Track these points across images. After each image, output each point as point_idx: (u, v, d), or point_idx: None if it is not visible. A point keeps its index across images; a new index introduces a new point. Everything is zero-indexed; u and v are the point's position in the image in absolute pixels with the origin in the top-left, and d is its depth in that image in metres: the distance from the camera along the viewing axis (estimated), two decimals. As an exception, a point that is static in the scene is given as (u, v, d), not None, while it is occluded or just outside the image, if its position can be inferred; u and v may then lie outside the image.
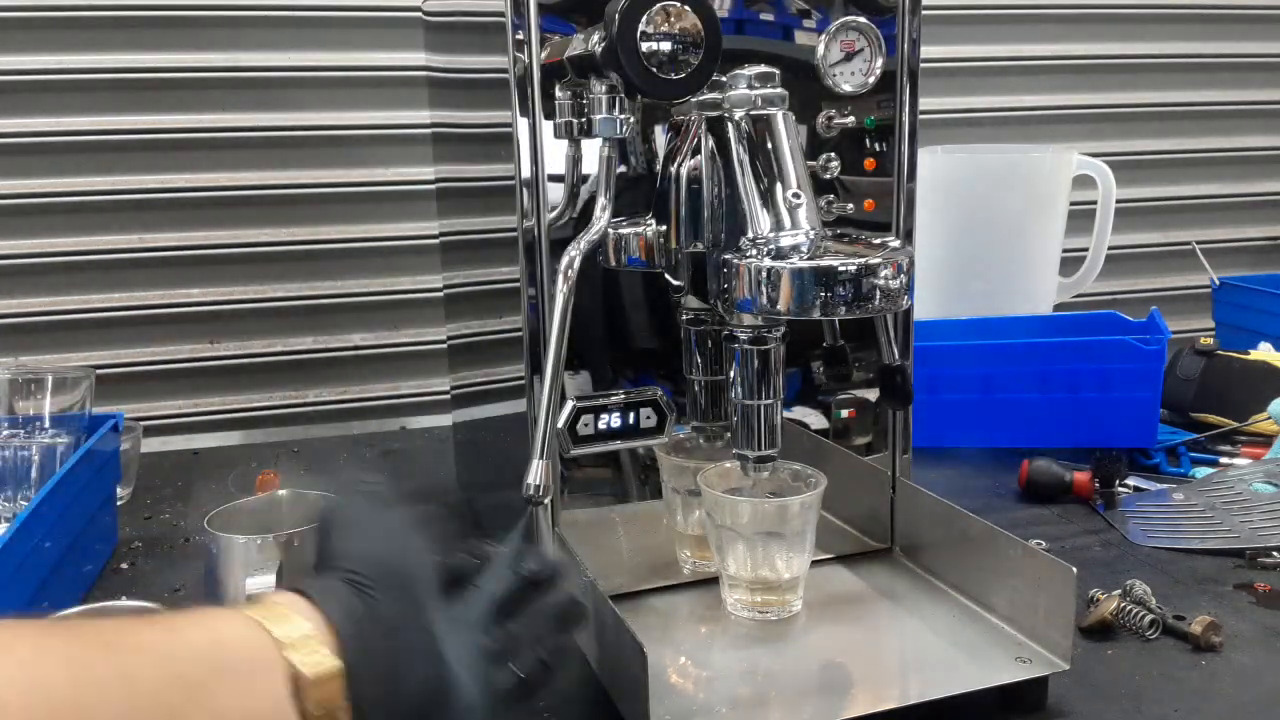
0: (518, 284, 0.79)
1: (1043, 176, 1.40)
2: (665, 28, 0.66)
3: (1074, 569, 0.69)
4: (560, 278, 0.70)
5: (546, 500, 0.69)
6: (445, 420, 1.38)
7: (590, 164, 0.74)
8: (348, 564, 0.53)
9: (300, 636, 0.48)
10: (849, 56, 0.83)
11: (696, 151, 0.73)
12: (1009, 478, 1.12)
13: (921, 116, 0.86)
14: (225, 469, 1.20)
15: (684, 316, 0.80)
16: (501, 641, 0.56)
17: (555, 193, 0.78)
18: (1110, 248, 1.41)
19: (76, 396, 1.02)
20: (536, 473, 0.68)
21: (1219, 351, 1.30)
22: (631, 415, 0.81)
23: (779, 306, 0.64)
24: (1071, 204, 1.42)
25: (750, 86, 0.69)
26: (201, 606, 0.50)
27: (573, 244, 0.71)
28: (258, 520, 0.79)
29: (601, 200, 0.71)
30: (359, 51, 1.43)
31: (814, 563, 0.80)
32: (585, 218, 0.74)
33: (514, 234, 0.79)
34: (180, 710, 0.43)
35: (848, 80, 0.83)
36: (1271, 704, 0.73)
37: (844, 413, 0.91)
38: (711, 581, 0.82)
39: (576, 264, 0.70)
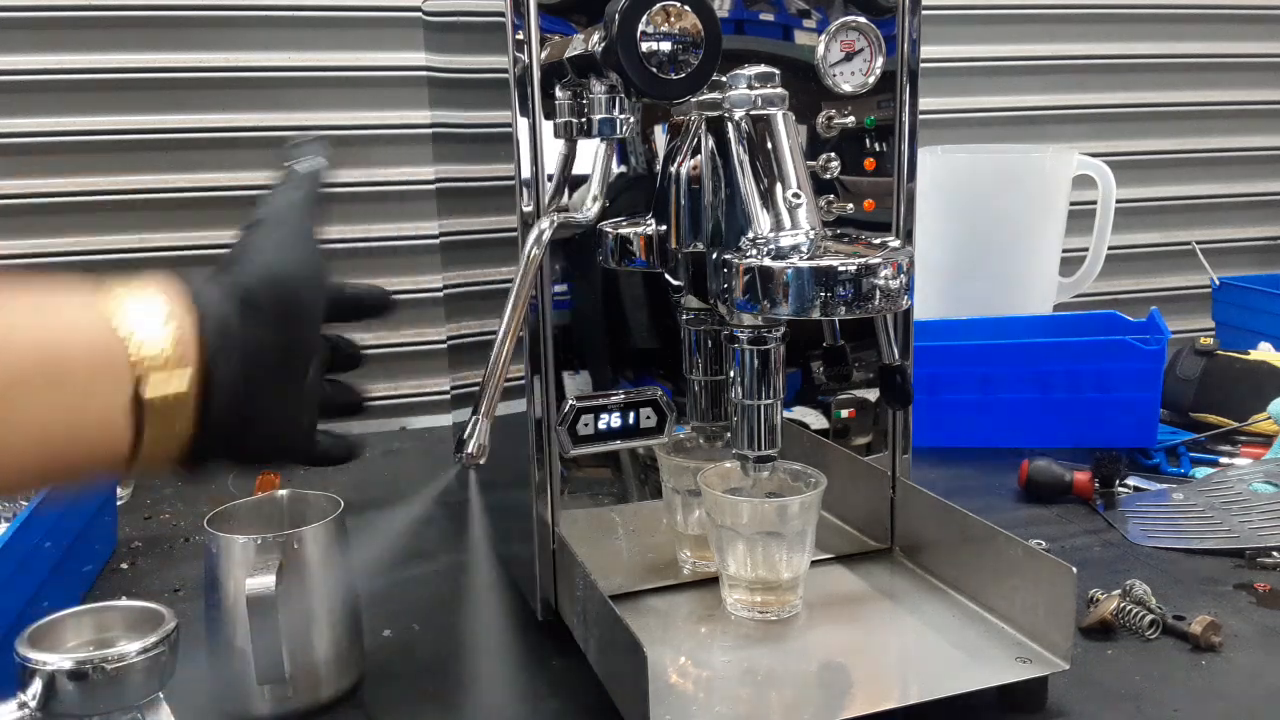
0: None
1: (1043, 176, 1.40)
2: (665, 28, 0.66)
3: (1074, 569, 0.69)
4: (530, 245, 0.69)
5: (481, 461, 0.65)
6: (445, 420, 1.38)
7: (584, 162, 0.74)
8: (246, 276, 0.50)
9: (157, 345, 0.45)
10: (849, 56, 0.83)
11: (696, 151, 0.73)
12: (1009, 478, 1.12)
13: (921, 116, 0.86)
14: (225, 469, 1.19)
15: (684, 316, 0.80)
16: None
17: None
18: (1110, 248, 1.41)
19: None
20: (473, 432, 0.64)
21: (1219, 351, 1.30)
22: (631, 415, 0.81)
23: (779, 306, 0.64)
24: (1071, 204, 1.42)
25: (750, 86, 0.69)
26: (63, 287, 0.46)
27: (547, 216, 0.71)
28: (258, 520, 0.79)
29: (594, 192, 0.71)
30: (359, 51, 1.43)
31: (814, 563, 0.80)
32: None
33: (514, 234, 0.79)
34: None
35: (848, 80, 0.83)
36: (1271, 704, 0.73)
37: (844, 413, 0.91)
38: (711, 581, 0.82)
39: (547, 235, 0.69)
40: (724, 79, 0.70)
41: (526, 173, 0.77)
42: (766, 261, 0.65)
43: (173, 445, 0.47)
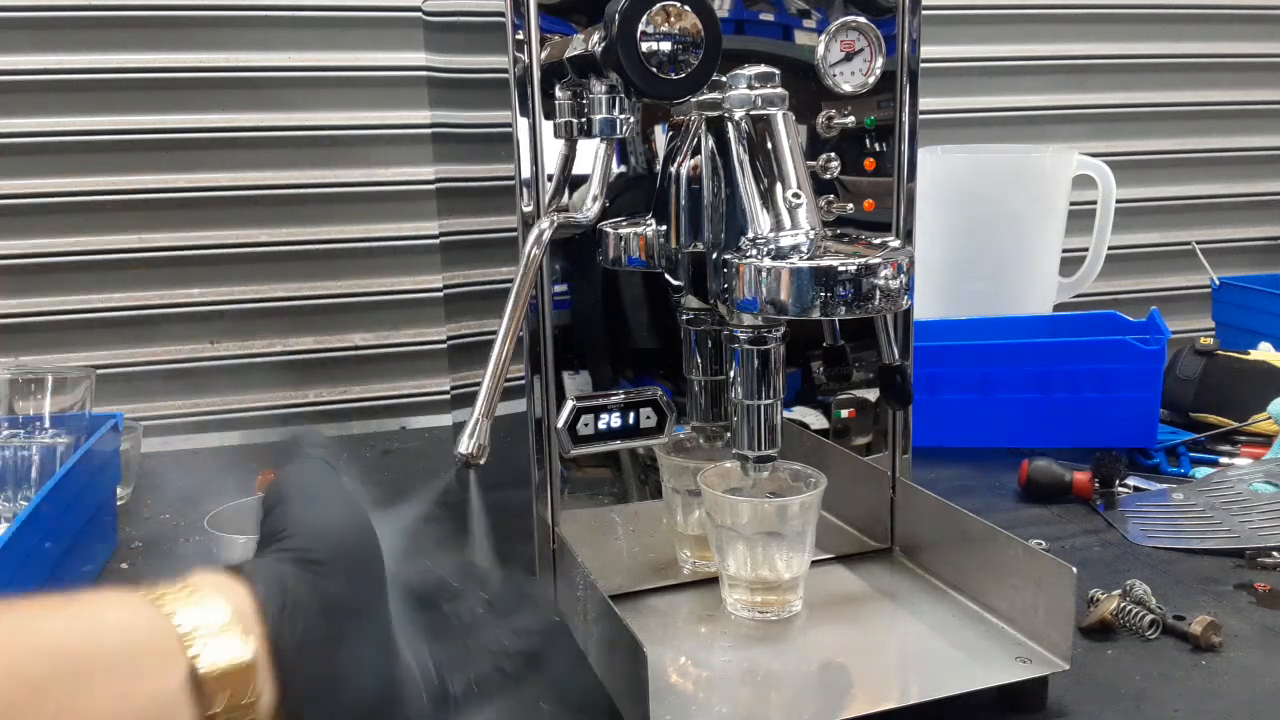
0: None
1: (1043, 176, 1.40)
2: (665, 28, 0.66)
3: (1074, 569, 0.69)
4: (530, 245, 0.69)
5: (481, 462, 0.64)
6: (445, 420, 1.38)
7: (584, 162, 0.74)
8: (292, 538, 0.47)
9: (213, 622, 0.41)
10: (849, 56, 0.83)
11: (696, 151, 0.73)
12: (1009, 478, 1.12)
13: (921, 116, 0.86)
14: (225, 469, 1.20)
15: (684, 316, 0.80)
16: (459, 650, 0.52)
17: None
18: (1110, 248, 1.41)
19: (76, 396, 1.02)
20: (472, 433, 0.63)
21: (1219, 351, 1.30)
22: (631, 415, 0.81)
23: (779, 306, 0.64)
24: (1071, 204, 1.42)
25: (750, 86, 0.69)
26: (99, 589, 0.44)
27: (547, 216, 0.71)
28: (258, 520, 0.79)
29: (594, 192, 0.71)
30: (359, 51, 1.43)
31: (814, 563, 0.80)
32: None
33: (514, 234, 0.79)
34: (24, 716, 0.36)
35: (848, 80, 0.83)
36: (1271, 704, 0.73)
37: (844, 413, 0.91)
38: (711, 581, 0.82)
39: (547, 235, 0.69)
40: (724, 79, 0.70)
41: (526, 173, 0.77)
42: (766, 261, 0.65)
43: None
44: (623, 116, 0.70)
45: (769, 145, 0.69)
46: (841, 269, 0.63)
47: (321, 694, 0.44)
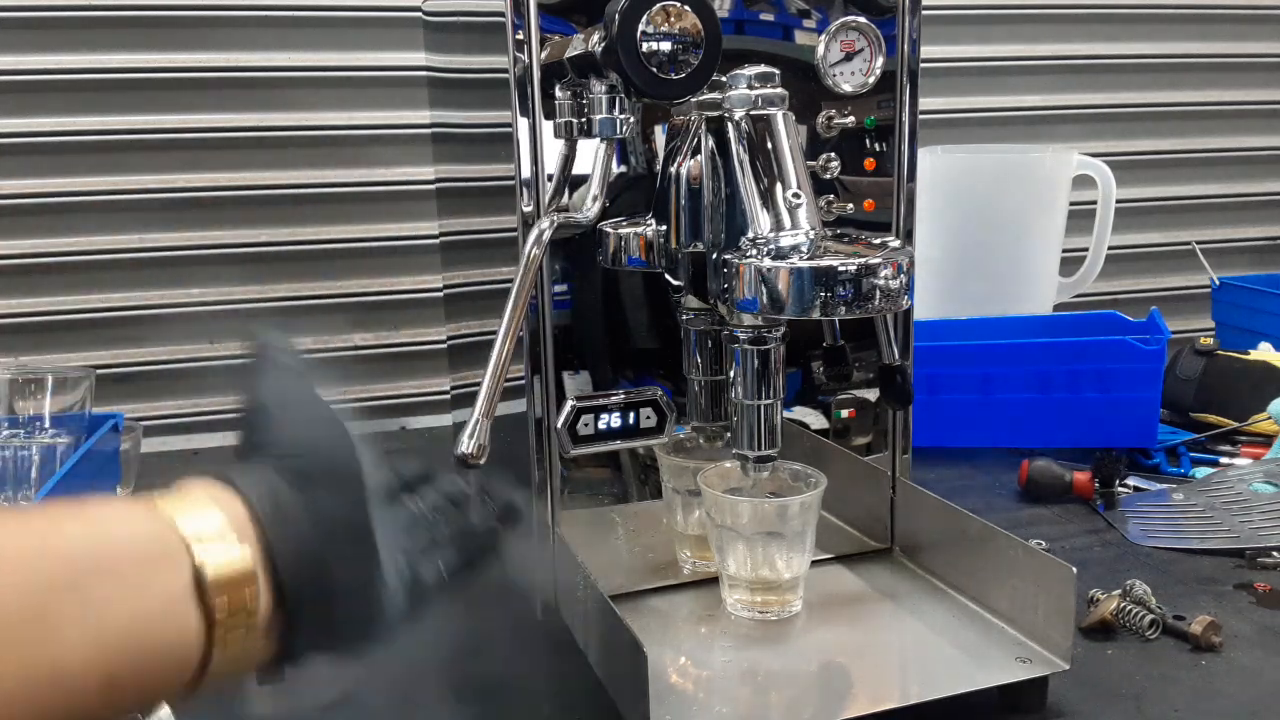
0: (518, 284, 0.79)
1: (1043, 176, 1.40)
2: (665, 28, 0.66)
3: (1074, 569, 0.69)
4: (530, 245, 0.69)
5: (481, 462, 0.64)
6: (445, 420, 1.38)
7: (584, 162, 0.74)
8: (278, 447, 0.48)
9: (210, 529, 0.43)
10: (849, 56, 0.83)
11: (696, 151, 0.73)
12: (1009, 478, 1.12)
13: (921, 116, 0.86)
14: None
15: (684, 316, 0.80)
16: (433, 537, 0.54)
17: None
18: (1110, 248, 1.41)
19: (76, 396, 1.02)
20: (472, 433, 0.63)
21: (1219, 351, 1.30)
22: (631, 415, 0.81)
23: (779, 306, 0.64)
24: (1071, 204, 1.42)
25: (750, 86, 0.69)
26: (103, 497, 0.45)
27: (547, 216, 0.71)
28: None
29: (594, 192, 0.71)
30: (359, 51, 1.43)
31: (814, 563, 0.80)
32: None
33: (514, 234, 0.79)
34: (48, 613, 0.38)
35: (848, 80, 0.83)
36: (1271, 704, 0.73)
37: (844, 413, 0.91)
38: (711, 581, 0.82)
39: (547, 235, 0.69)
40: (724, 79, 0.70)
41: (526, 173, 0.77)
42: (766, 261, 0.65)
43: (250, 636, 0.43)
44: (623, 116, 0.70)
45: (769, 145, 0.69)
46: (841, 269, 0.63)
47: (316, 603, 0.46)
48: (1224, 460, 1.17)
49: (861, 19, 0.82)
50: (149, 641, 0.41)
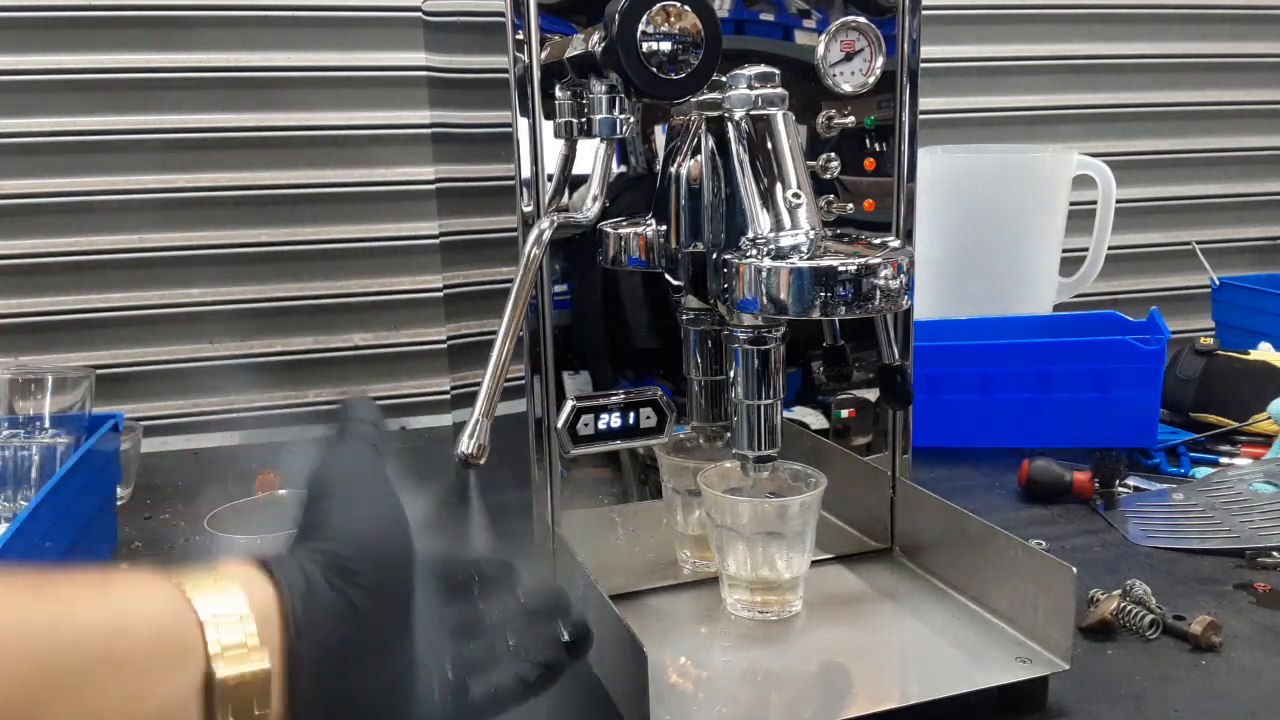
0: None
1: (1043, 176, 1.40)
2: (665, 28, 0.66)
3: (1074, 569, 0.69)
4: (530, 245, 0.68)
5: (481, 462, 0.63)
6: (445, 420, 1.38)
7: (584, 162, 0.74)
8: (327, 538, 0.45)
9: (232, 622, 0.40)
10: (849, 56, 0.83)
11: (696, 151, 0.73)
12: (1009, 478, 1.12)
13: (921, 116, 0.86)
14: (225, 469, 1.20)
15: (684, 316, 0.80)
16: (493, 649, 0.50)
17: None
18: (1110, 248, 1.41)
19: (76, 396, 1.02)
20: (472, 433, 0.62)
21: (1219, 351, 1.30)
22: (631, 415, 0.81)
23: (779, 306, 0.64)
24: (1071, 204, 1.42)
25: (750, 86, 0.69)
26: (131, 569, 0.43)
27: (547, 216, 0.71)
28: (258, 520, 0.79)
29: (594, 192, 0.71)
30: (359, 51, 1.43)
31: (814, 563, 0.80)
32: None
33: (514, 234, 0.79)
34: (41, 708, 0.36)
35: (848, 80, 0.83)
36: (1271, 703, 0.73)
37: (844, 413, 0.91)
38: (711, 581, 0.82)
39: (547, 235, 0.69)
40: (724, 79, 0.70)
41: (526, 173, 0.77)
42: (766, 261, 0.65)
43: None
44: (623, 116, 0.70)
45: (769, 145, 0.69)
46: (841, 269, 0.63)
47: (332, 711, 0.43)
48: (1224, 460, 1.17)
49: (861, 19, 0.82)
50: None
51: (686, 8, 0.65)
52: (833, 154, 0.84)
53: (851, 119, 0.84)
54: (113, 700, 0.38)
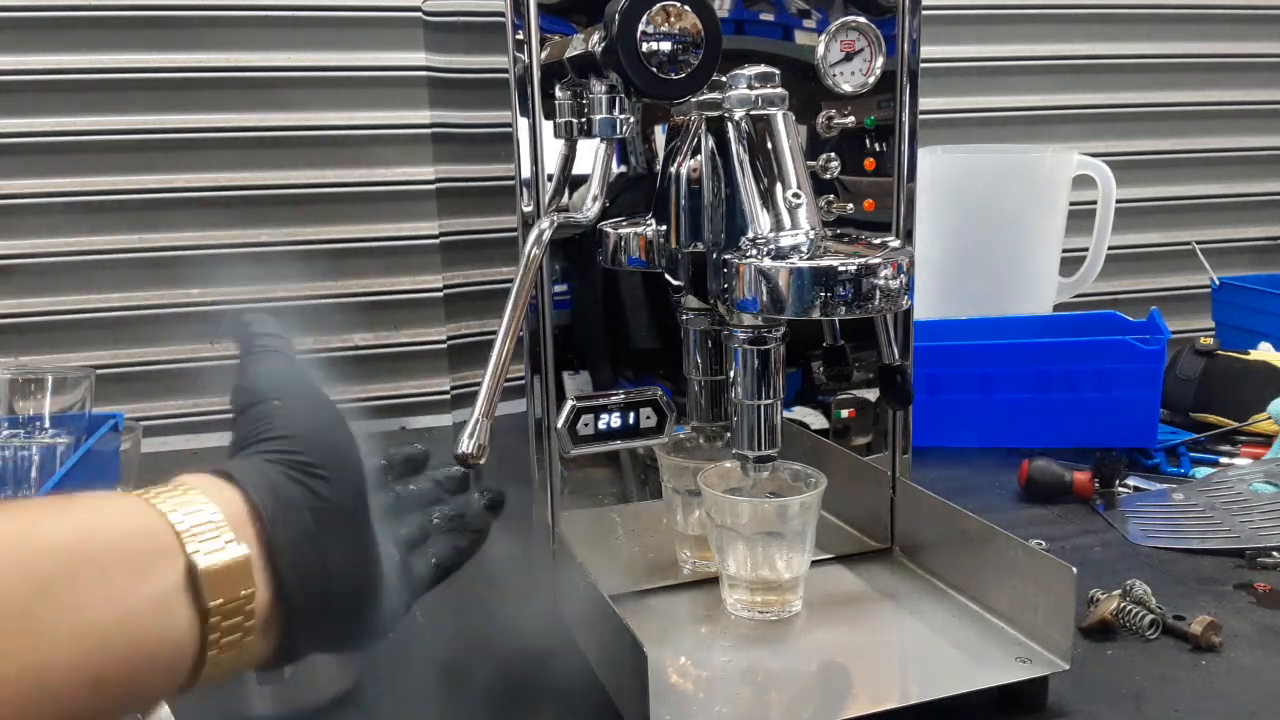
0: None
1: (1043, 176, 1.40)
2: (665, 28, 0.66)
3: (1074, 569, 0.69)
4: (530, 245, 0.68)
5: (481, 462, 0.63)
6: (445, 420, 1.38)
7: (584, 162, 0.74)
8: (276, 439, 0.47)
9: (205, 523, 0.42)
10: (849, 56, 0.83)
11: (696, 151, 0.73)
12: (1009, 478, 1.12)
13: (921, 116, 0.86)
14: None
15: (684, 316, 0.80)
16: (424, 526, 0.55)
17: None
18: (1110, 248, 1.41)
19: (76, 396, 1.02)
20: (472, 433, 0.62)
21: (1219, 351, 1.30)
22: (631, 415, 0.81)
23: (779, 306, 0.64)
24: (1071, 204, 1.42)
25: (750, 86, 0.69)
26: (95, 492, 0.44)
27: (547, 216, 0.71)
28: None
29: (594, 192, 0.71)
30: (359, 51, 1.43)
31: (814, 563, 0.80)
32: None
33: (514, 234, 0.79)
34: (31, 612, 0.37)
35: (848, 80, 0.83)
36: (1271, 704, 0.73)
37: (844, 413, 0.91)
38: (711, 581, 0.82)
39: (547, 235, 0.69)
40: (724, 79, 0.70)
41: (526, 173, 0.77)
42: (766, 261, 0.65)
43: (247, 634, 0.42)
44: (623, 116, 0.70)
45: (769, 145, 0.69)
46: (841, 269, 0.63)
47: (314, 594, 0.45)
48: (1224, 460, 1.17)
49: (861, 19, 0.82)
50: (139, 641, 0.40)
51: (686, 8, 0.65)
52: (833, 154, 0.84)
53: (851, 119, 0.84)
54: (99, 597, 0.39)
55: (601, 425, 0.80)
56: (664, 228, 0.76)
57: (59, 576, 0.38)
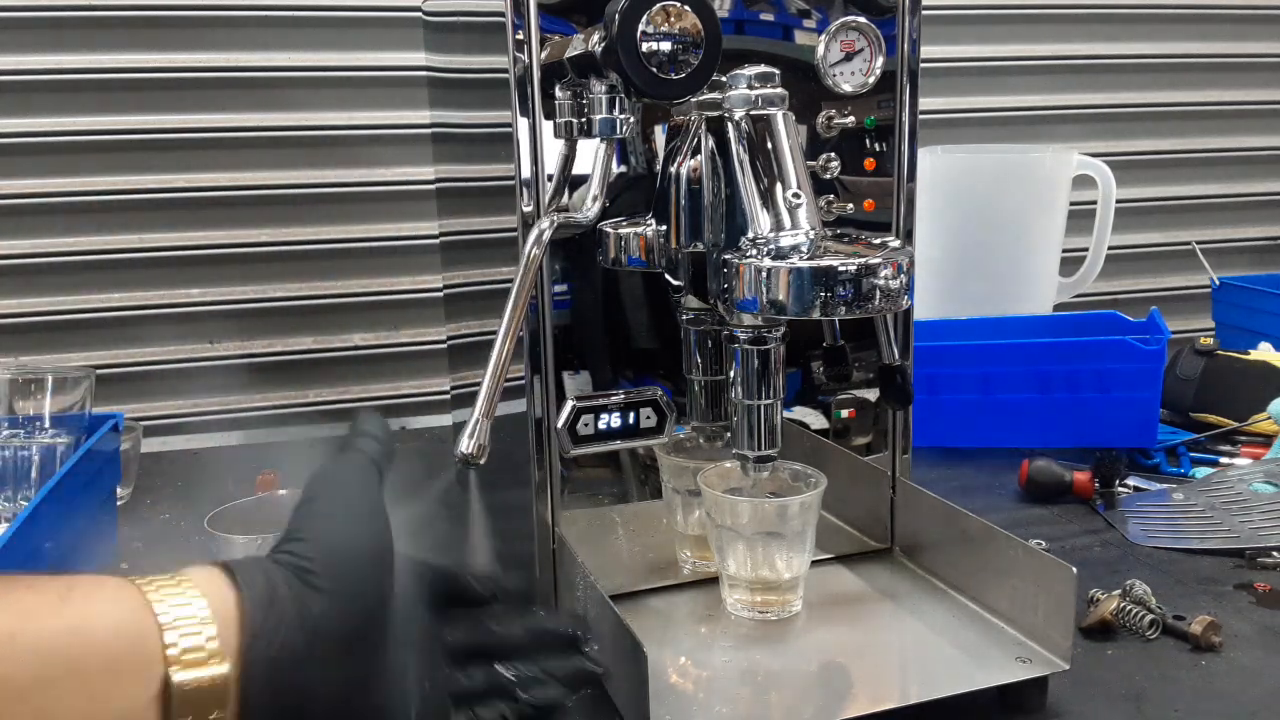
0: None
1: (1043, 176, 1.40)
2: (665, 28, 0.65)
3: (1074, 569, 0.69)
4: (530, 245, 0.69)
5: (481, 462, 0.63)
6: (445, 420, 1.38)
7: (584, 162, 0.74)
8: (298, 543, 0.45)
9: (192, 631, 0.41)
10: (849, 56, 0.83)
11: (696, 151, 0.73)
12: (1009, 478, 1.12)
13: (921, 116, 0.86)
14: (225, 469, 1.20)
15: (684, 316, 0.80)
16: (484, 682, 0.49)
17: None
18: (1110, 248, 1.41)
19: (76, 396, 1.02)
20: (472, 433, 0.62)
21: (1219, 351, 1.30)
22: (631, 415, 0.81)
23: (779, 306, 0.64)
24: (1071, 204, 1.42)
25: (750, 86, 0.69)
26: (93, 576, 0.43)
27: (547, 216, 0.71)
28: (258, 520, 0.79)
29: (594, 192, 0.71)
30: (359, 51, 1.43)
31: (814, 563, 0.80)
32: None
33: (514, 234, 0.79)
34: (7, 715, 0.37)
35: (848, 80, 0.83)
36: (1271, 704, 0.73)
37: (844, 413, 0.91)
38: (711, 581, 0.82)
39: (547, 235, 0.69)
40: (724, 79, 0.70)
41: (526, 173, 0.77)
42: (766, 261, 0.65)
43: None
44: (623, 116, 0.70)
45: (769, 145, 0.69)
46: (841, 269, 0.63)
47: (289, 714, 0.43)
48: (1224, 460, 1.17)
49: (861, 19, 0.82)
50: None
51: (686, 8, 0.65)
52: (833, 154, 0.84)
53: (851, 119, 0.84)
54: (72, 708, 0.38)
55: (601, 425, 0.80)
56: (664, 228, 0.76)
57: (38, 681, 0.38)
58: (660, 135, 0.80)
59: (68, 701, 0.38)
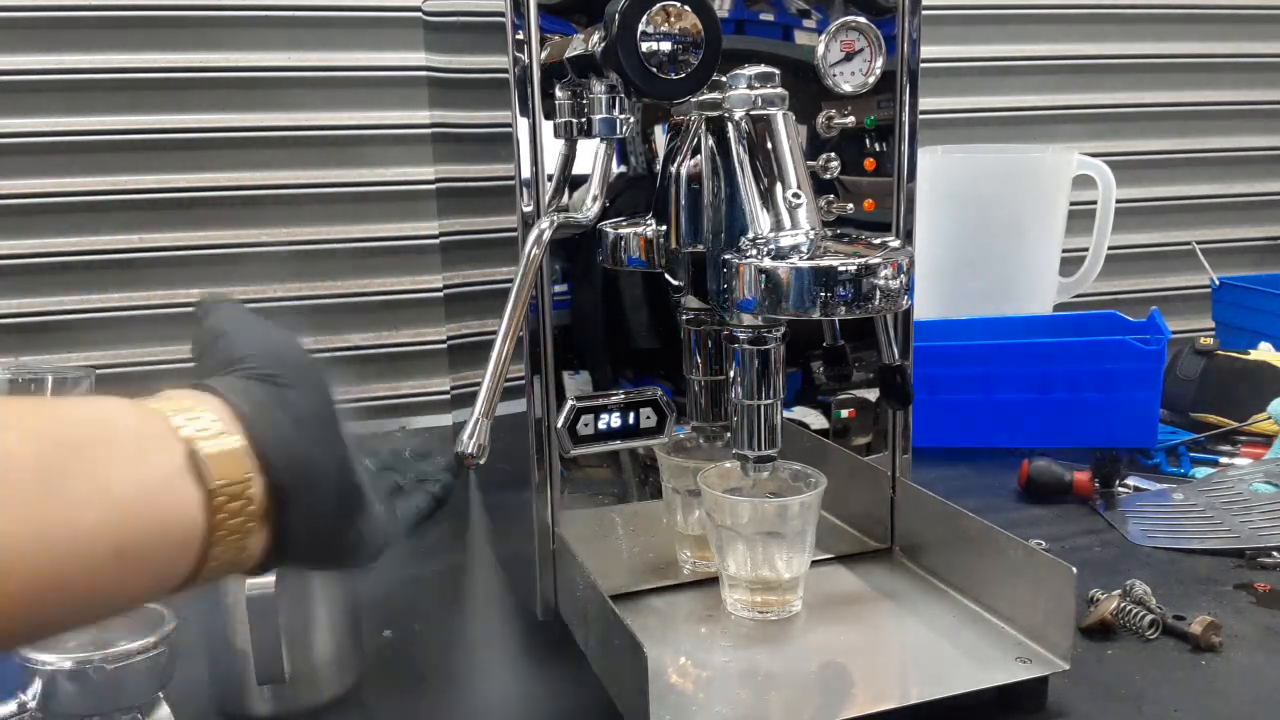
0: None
1: (1043, 176, 1.40)
2: (665, 28, 0.66)
3: (1074, 569, 0.69)
4: (530, 245, 0.69)
5: (481, 462, 0.64)
6: (445, 420, 1.38)
7: (584, 162, 0.74)
8: (238, 360, 0.49)
9: (196, 418, 0.44)
10: (849, 56, 0.83)
11: (696, 151, 0.73)
12: (1009, 478, 1.12)
13: (921, 116, 0.86)
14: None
15: (684, 316, 0.80)
16: (396, 483, 0.58)
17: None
18: (1110, 248, 1.41)
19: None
20: (472, 433, 0.63)
21: (1219, 351, 1.30)
22: (631, 415, 0.81)
23: (779, 306, 0.64)
24: (1071, 204, 1.42)
25: (750, 86, 0.69)
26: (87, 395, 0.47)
27: (547, 216, 0.71)
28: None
29: (594, 192, 0.71)
30: (359, 51, 1.43)
31: (814, 563, 0.80)
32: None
33: (514, 234, 0.79)
34: (58, 470, 0.39)
35: (848, 80, 0.83)
36: (1271, 704, 0.73)
37: (844, 413, 0.91)
38: (711, 581, 0.82)
39: (547, 235, 0.69)
40: (724, 79, 0.70)
41: (526, 173, 0.77)
42: (766, 261, 0.65)
43: (249, 517, 0.44)
44: (623, 116, 0.70)
45: (769, 145, 0.69)
46: (841, 269, 0.63)
47: (303, 485, 0.46)
48: (1224, 460, 1.17)
49: (861, 19, 0.82)
50: (153, 513, 0.41)
51: (686, 8, 0.65)
52: (833, 154, 0.84)
53: (851, 119, 0.84)
54: (116, 467, 0.41)
55: (601, 425, 0.80)
56: (664, 227, 0.76)
57: (79, 444, 0.40)
58: (660, 135, 0.80)
59: (110, 462, 0.41)
